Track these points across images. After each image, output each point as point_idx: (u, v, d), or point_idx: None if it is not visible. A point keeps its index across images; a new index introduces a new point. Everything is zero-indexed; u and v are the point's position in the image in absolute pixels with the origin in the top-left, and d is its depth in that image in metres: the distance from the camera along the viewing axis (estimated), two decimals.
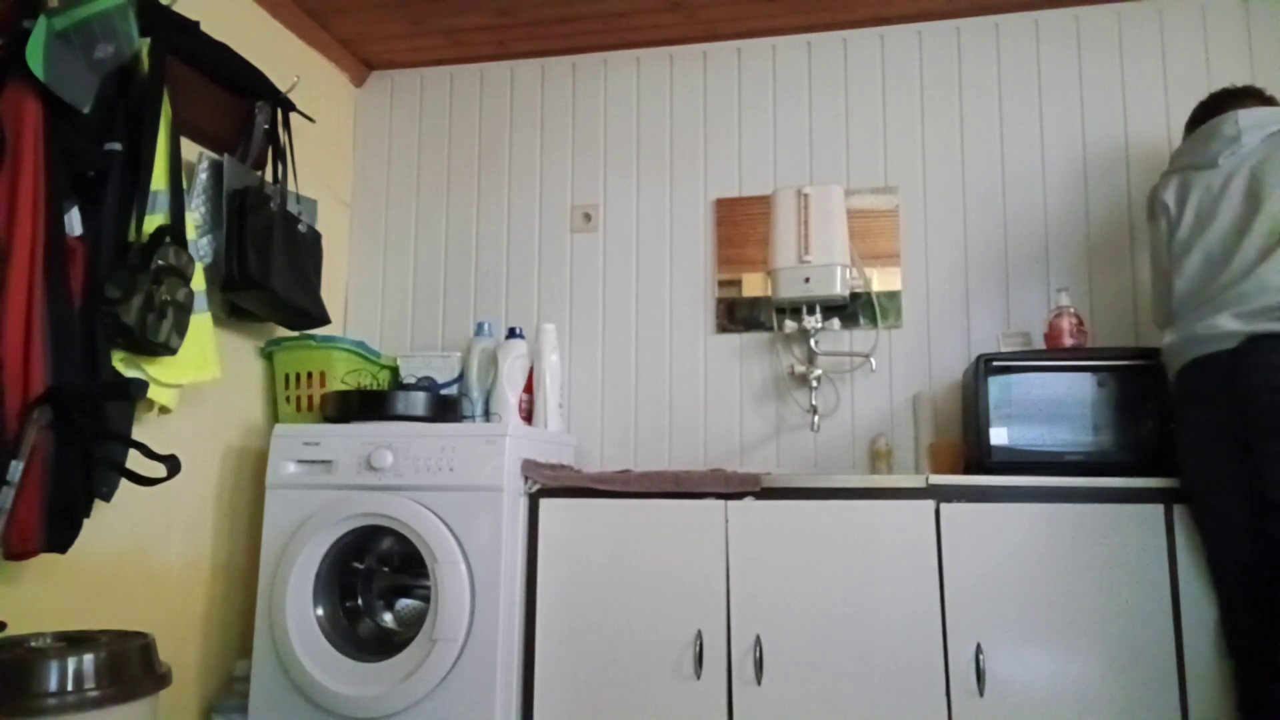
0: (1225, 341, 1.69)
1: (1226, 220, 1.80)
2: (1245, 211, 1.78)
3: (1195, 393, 1.74)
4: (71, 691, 1.42)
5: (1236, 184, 1.80)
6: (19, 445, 1.59)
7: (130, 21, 1.82)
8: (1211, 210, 1.82)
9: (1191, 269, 1.83)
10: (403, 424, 2.22)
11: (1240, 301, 1.70)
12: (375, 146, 3.02)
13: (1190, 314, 1.80)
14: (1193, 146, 1.90)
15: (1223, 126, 1.86)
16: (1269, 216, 1.74)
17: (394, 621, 2.35)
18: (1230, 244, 1.78)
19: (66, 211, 1.77)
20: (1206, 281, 1.79)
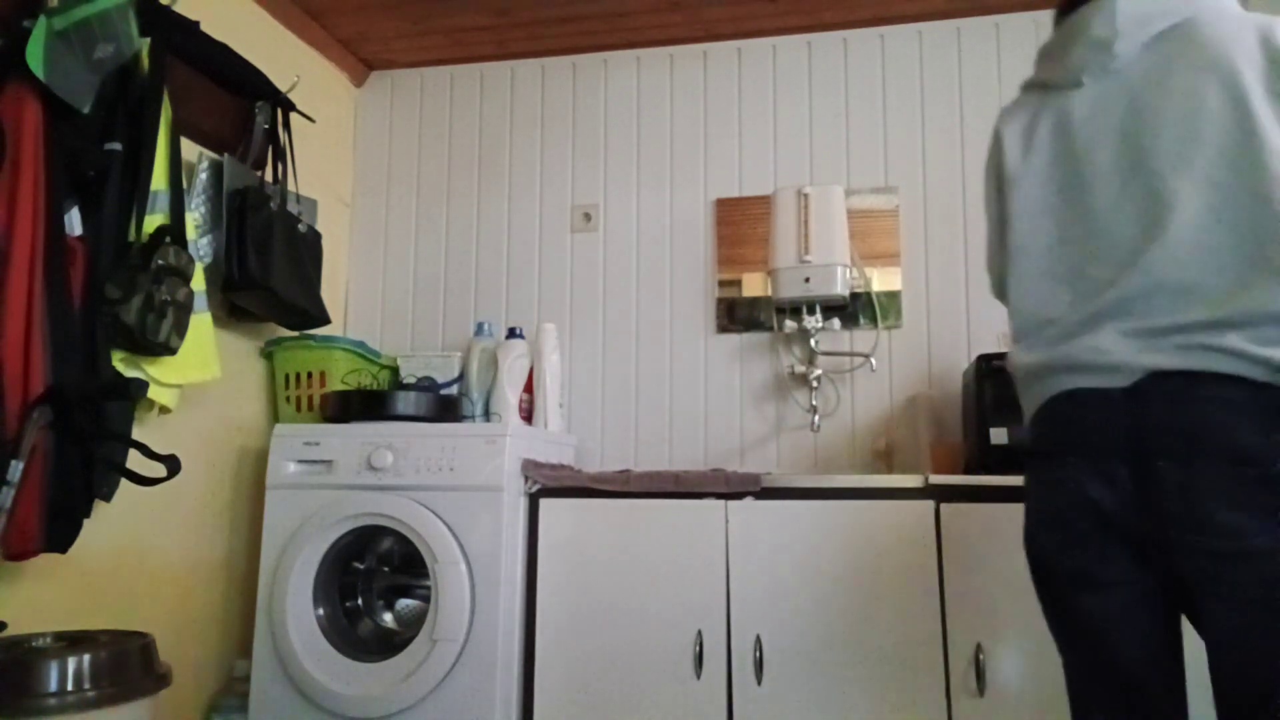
0: (1111, 376, 1.09)
1: (1094, 175, 1.17)
2: (1121, 164, 1.15)
3: (1062, 446, 1.13)
4: (71, 691, 1.42)
5: (1108, 119, 1.17)
6: (19, 445, 1.59)
7: (130, 21, 1.82)
8: (1069, 156, 1.20)
9: (1039, 242, 1.21)
10: (403, 424, 2.21)
11: (1125, 311, 1.10)
12: (375, 146, 3.02)
13: (1042, 317, 1.19)
14: (1048, 55, 1.28)
15: (1090, 24, 1.19)
16: (1154, 177, 1.12)
17: (394, 621, 2.35)
18: (1101, 214, 1.15)
19: (66, 211, 1.78)
20: (1067, 268, 1.18)
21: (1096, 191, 1.17)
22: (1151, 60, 1.17)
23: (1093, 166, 1.18)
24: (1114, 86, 1.19)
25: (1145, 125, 1.14)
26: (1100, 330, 1.11)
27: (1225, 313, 1.05)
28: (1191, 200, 1.09)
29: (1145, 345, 1.07)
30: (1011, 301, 1.25)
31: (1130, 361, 1.08)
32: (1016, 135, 1.28)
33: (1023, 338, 1.22)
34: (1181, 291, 1.07)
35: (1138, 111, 1.16)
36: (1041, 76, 1.28)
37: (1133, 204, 1.13)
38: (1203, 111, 1.11)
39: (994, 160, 1.33)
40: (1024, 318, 1.22)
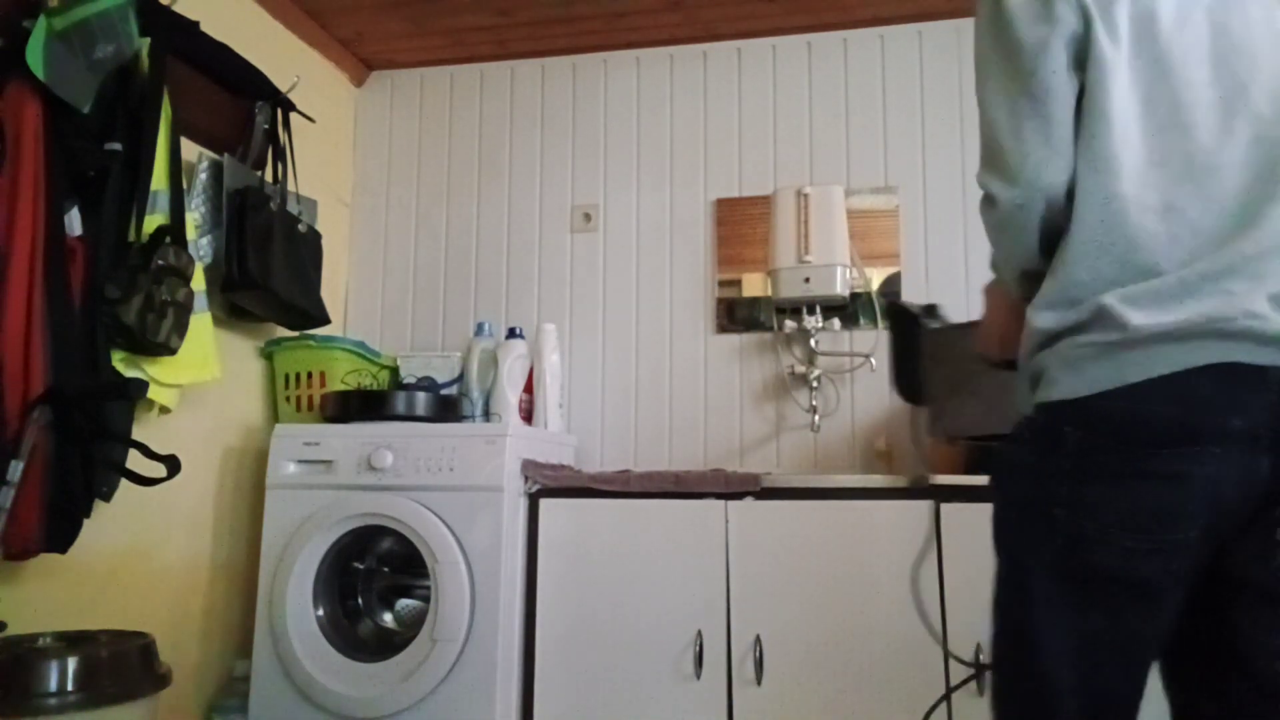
0: (1270, 351, 0.89)
1: (1191, 97, 0.97)
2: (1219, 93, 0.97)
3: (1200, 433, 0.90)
4: (71, 691, 1.42)
5: (1196, 31, 0.99)
6: (19, 445, 1.59)
7: (130, 21, 1.82)
8: (1157, 64, 0.98)
9: (1132, 160, 0.96)
10: (403, 424, 2.22)
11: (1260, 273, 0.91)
12: (375, 146, 3.02)
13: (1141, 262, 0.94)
14: None
15: None
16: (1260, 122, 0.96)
17: (394, 621, 2.35)
18: (1205, 147, 0.96)
19: (66, 211, 1.78)
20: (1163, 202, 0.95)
21: (1197, 117, 0.96)
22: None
23: (1188, 85, 0.97)
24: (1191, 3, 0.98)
25: (1238, 53, 0.98)
26: (1241, 293, 0.89)
27: None
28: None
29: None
30: (1093, 230, 0.95)
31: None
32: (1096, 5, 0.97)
33: (1117, 283, 0.93)
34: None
35: (1225, 31, 0.98)
36: None
37: (1239, 145, 0.95)
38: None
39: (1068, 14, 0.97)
40: (1117, 257, 0.94)
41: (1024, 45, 0.98)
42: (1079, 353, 0.94)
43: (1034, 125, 0.98)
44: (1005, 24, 0.99)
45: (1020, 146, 0.98)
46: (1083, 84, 0.97)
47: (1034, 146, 0.98)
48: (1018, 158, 0.99)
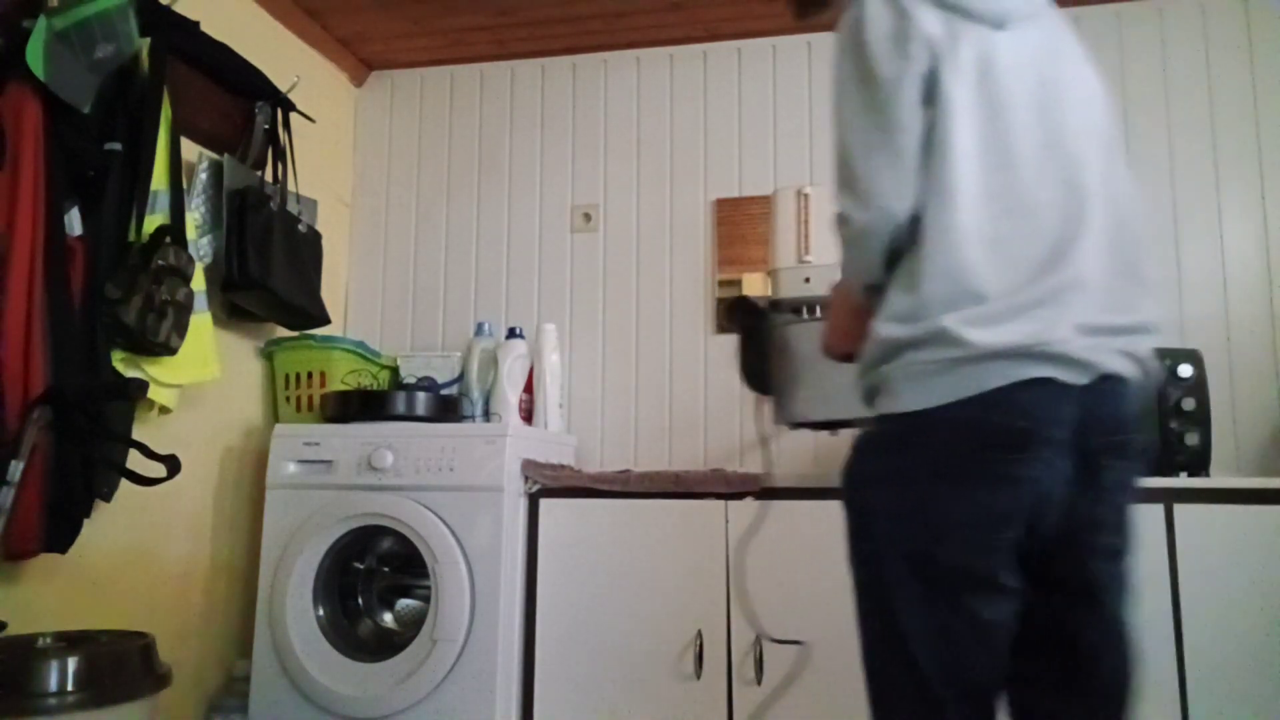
0: (1074, 372, 1.02)
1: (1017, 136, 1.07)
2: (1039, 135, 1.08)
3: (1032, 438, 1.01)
4: (71, 691, 1.42)
5: (1025, 79, 1.08)
6: (19, 445, 1.59)
7: (130, 21, 1.82)
8: (992, 104, 1.06)
9: (969, 191, 1.04)
10: (403, 424, 2.22)
11: (1066, 303, 1.02)
12: (375, 146, 3.02)
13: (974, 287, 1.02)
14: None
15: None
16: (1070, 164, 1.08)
17: (394, 621, 2.35)
18: (1027, 183, 1.06)
19: (66, 211, 1.78)
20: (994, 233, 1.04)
21: (1023, 158, 1.06)
22: (1045, 31, 1.13)
23: (1018, 128, 1.06)
24: (1027, 44, 1.10)
25: (1058, 104, 1.09)
26: (1054, 321, 1.01)
27: (1136, 320, 1.08)
28: (1099, 201, 1.08)
29: (1096, 345, 1.03)
30: (939, 252, 1.03)
31: (1090, 360, 1.02)
32: (943, 42, 1.06)
33: (951, 305, 1.02)
34: (1104, 295, 1.05)
35: (1049, 83, 1.10)
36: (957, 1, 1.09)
37: (1053, 184, 1.06)
38: (1097, 106, 1.13)
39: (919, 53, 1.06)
40: (951, 282, 1.02)
41: (880, 79, 1.06)
42: (922, 368, 1.03)
43: (884, 156, 1.06)
44: (864, 57, 1.08)
45: (871, 175, 1.07)
46: (929, 119, 1.05)
47: (883, 176, 1.07)
48: (868, 185, 1.08)
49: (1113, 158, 1.12)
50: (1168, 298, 2.45)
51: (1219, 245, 2.45)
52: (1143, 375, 1.09)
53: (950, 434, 1.03)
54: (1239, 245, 2.44)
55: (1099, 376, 1.03)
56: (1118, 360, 1.05)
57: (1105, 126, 1.13)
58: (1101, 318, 1.04)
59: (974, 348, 1.00)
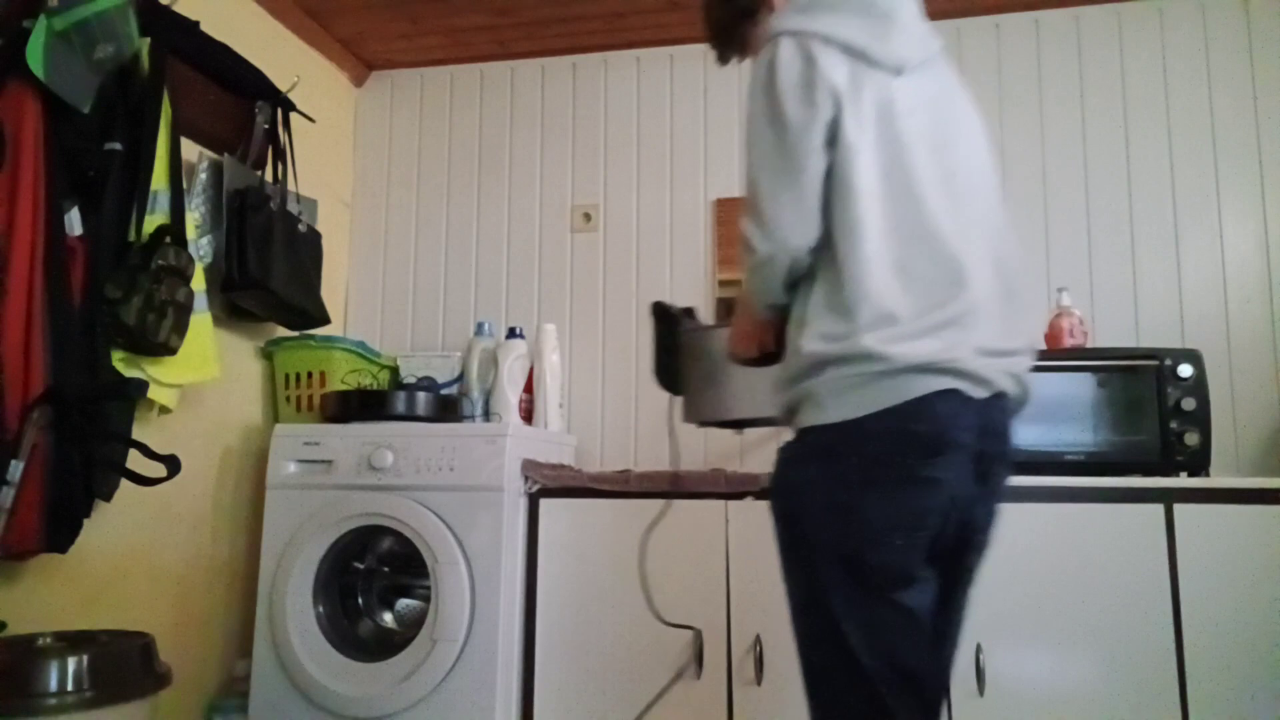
0: (976, 388, 1.13)
1: (918, 175, 1.17)
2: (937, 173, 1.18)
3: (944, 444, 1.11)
4: (71, 691, 1.42)
5: (922, 120, 1.19)
6: (19, 445, 1.59)
7: (130, 21, 1.82)
8: (894, 144, 1.17)
9: (875, 225, 1.14)
10: (403, 424, 2.22)
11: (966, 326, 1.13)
12: (375, 146, 3.02)
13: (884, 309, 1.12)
14: (862, 22, 1.20)
15: (905, 15, 1.23)
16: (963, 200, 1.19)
17: (394, 621, 2.35)
18: (929, 216, 1.16)
19: (66, 211, 1.78)
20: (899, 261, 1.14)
21: (924, 191, 1.16)
22: (936, 79, 1.25)
23: (917, 164, 1.17)
24: (922, 89, 1.21)
25: (952, 142, 1.21)
26: (957, 341, 1.12)
27: (1018, 345, 1.20)
28: (987, 230, 1.21)
29: (991, 365, 1.14)
30: (855, 279, 1.13)
31: (989, 378, 1.14)
32: (846, 92, 1.15)
33: (870, 327, 1.11)
34: (997, 318, 1.17)
35: (939, 123, 1.21)
36: (857, 42, 1.18)
37: (950, 215, 1.17)
38: (982, 146, 1.26)
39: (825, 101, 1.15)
40: (871, 302, 1.12)
41: (789, 124, 1.16)
42: (847, 382, 1.12)
43: (789, 194, 1.17)
44: (775, 100, 1.18)
45: (776, 211, 1.17)
46: (832, 160, 1.16)
47: (786, 212, 1.17)
48: (773, 218, 1.18)
49: (993, 193, 1.25)
50: (1167, 298, 2.45)
51: (1219, 245, 2.45)
52: (1021, 394, 1.23)
53: (874, 443, 1.12)
54: (1239, 245, 2.44)
55: (993, 393, 1.15)
56: (1005, 380, 1.17)
57: (988, 165, 1.26)
58: (994, 342, 1.16)
59: (894, 362, 1.10)
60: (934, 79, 1.24)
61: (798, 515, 1.18)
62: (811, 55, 1.16)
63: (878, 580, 1.12)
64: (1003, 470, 1.21)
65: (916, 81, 1.21)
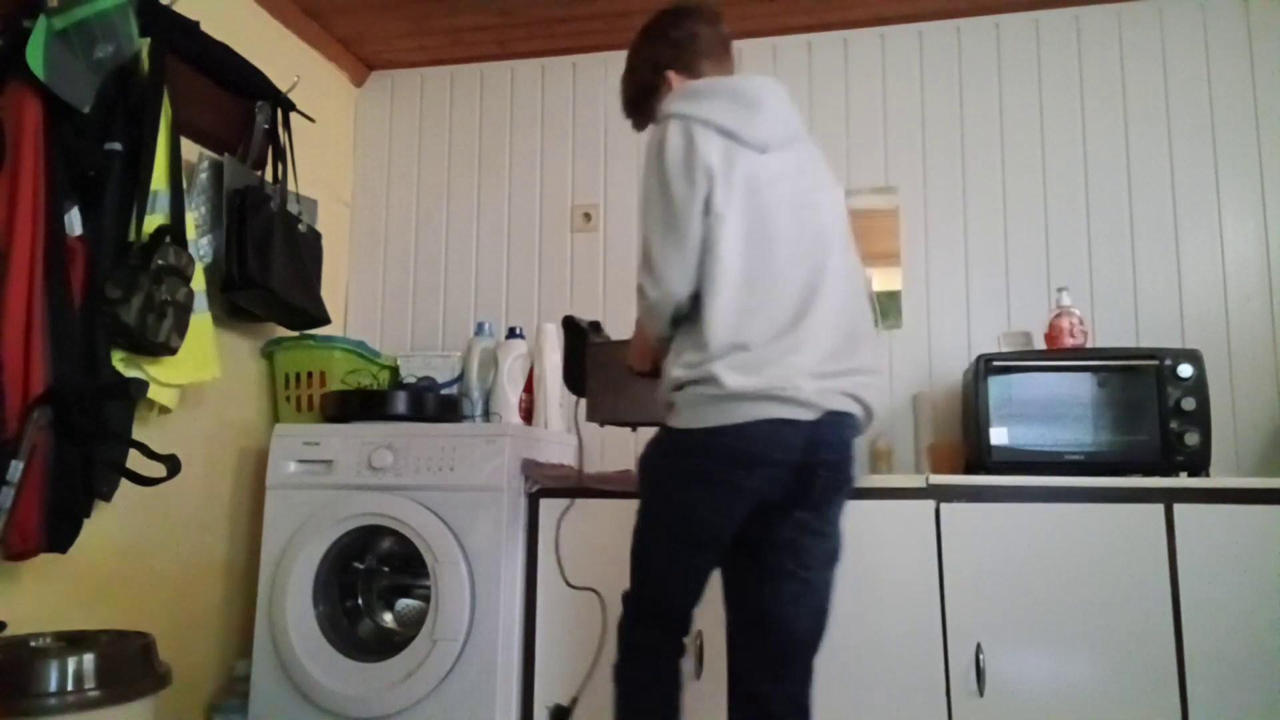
0: (804, 411, 1.38)
1: (776, 234, 1.44)
2: (793, 231, 1.45)
3: (755, 459, 1.40)
4: (71, 691, 1.42)
5: (783, 189, 1.46)
6: (19, 445, 1.59)
7: (130, 21, 1.82)
8: (756, 210, 1.44)
9: (734, 277, 1.41)
10: (403, 424, 2.22)
11: (802, 353, 1.39)
12: (375, 146, 3.02)
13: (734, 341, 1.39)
14: (733, 108, 1.46)
15: (770, 103, 1.49)
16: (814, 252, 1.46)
17: (394, 621, 2.35)
18: (780, 268, 1.43)
19: (66, 211, 1.78)
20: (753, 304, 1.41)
21: (778, 250, 1.44)
22: (798, 154, 1.52)
23: (775, 226, 1.44)
24: (785, 164, 1.49)
25: (805, 205, 1.48)
26: (793, 370, 1.38)
27: (855, 365, 1.45)
28: (836, 278, 1.46)
29: (824, 389, 1.40)
30: (711, 323, 1.41)
31: (817, 402, 1.39)
32: (720, 171, 1.43)
33: (723, 355, 1.40)
34: (832, 348, 1.43)
35: (799, 191, 1.48)
36: (727, 125, 1.45)
37: (802, 266, 1.44)
38: (837, 210, 1.53)
39: (701, 179, 1.42)
40: (720, 339, 1.40)
41: (675, 197, 1.44)
42: (697, 400, 1.42)
43: (674, 253, 1.44)
44: (663, 174, 1.45)
45: (664, 267, 1.45)
46: (708, 225, 1.42)
47: (671, 267, 1.45)
48: (661, 272, 1.46)
49: (847, 246, 1.53)
50: (1167, 298, 2.45)
51: (1219, 245, 2.45)
52: (863, 411, 1.47)
53: (706, 451, 1.43)
54: (1239, 245, 2.44)
55: (825, 412, 1.40)
56: (840, 400, 1.43)
57: (842, 225, 1.53)
58: (827, 365, 1.41)
59: (730, 390, 1.38)
60: (797, 153, 1.51)
61: (647, 482, 1.54)
62: (692, 137, 1.44)
63: (688, 545, 1.50)
64: (829, 474, 1.44)
65: (780, 156, 1.48)
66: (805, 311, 1.42)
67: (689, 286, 1.45)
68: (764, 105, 1.48)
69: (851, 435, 1.47)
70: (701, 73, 1.58)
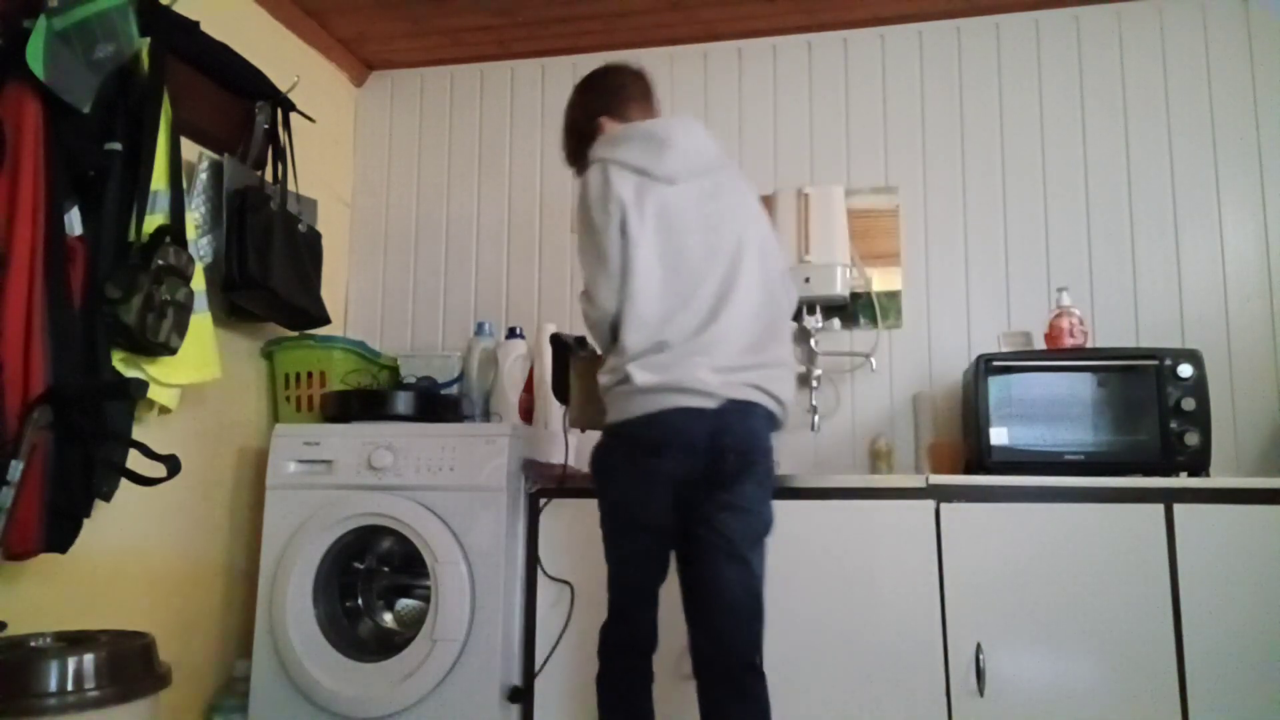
0: (706, 400, 1.57)
1: (688, 252, 1.65)
2: (705, 248, 1.66)
3: (663, 444, 1.59)
4: (71, 691, 1.42)
5: (693, 213, 1.67)
6: (19, 445, 1.59)
7: (130, 21, 1.82)
8: (669, 232, 1.66)
9: (652, 291, 1.64)
10: (403, 424, 2.22)
11: (709, 352, 1.59)
12: (375, 146, 3.02)
13: (651, 344, 1.62)
14: (644, 149, 1.70)
15: (678, 141, 1.71)
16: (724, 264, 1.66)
17: (394, 621, 2.35)
18: (692, 279, 1.64)
19: (66, 211, 1.78)
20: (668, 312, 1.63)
21: (691, 264, 1.65)
22: (712, 181, 1.71)
23: (687, 245, 1.66)
24: (694, 191, 1.69)
25: (715, 224, 1.68)
26: (698, 365, 1.58)
27: (763, 360, 1.63)
28: (747, 288, 1.65)
29: (725, 380, 1.59)
30: (628, 331, 1.64)
31: (718, 391, 1.58)
32: (632, 203, 1.66)
33: (638, 357, 1.62)
34: (741, 346, 1.61)
35: (708, 215, 1.68)
36: (639, 164, 1.68)
37: (712, 278, 1.64)
38: (751, 223, 1.72)
39: (615, 210, 1.66)
40: (638, 344, 1.63)
41: (596, 227, 1.68)
42: (616, 398, 1.65)
43: (602, 277, 1.69)
44: (586, 210, 1.72)
45: (596, 287, 1.70)
46: (626, 250, 1.65)
47: (601, 289, 1.69)
48: (594, 294, 1.71)
49: (765, 256, 1.71)
50: (1167, 298, 2.45)
51: (1219, 245, 2.45)
52: (771, 400, 1.64)
53: (624, 441, 1.65)
54: (1239, 245, 2.44)
55: (728, 400, 1.58)
56: (745, 390, 1.60)
57: (758, 240, 1.71)
58: (735, 361, 1.60)
59: (640, 385, 1.60)
60: (710, 181, 1.72)
61: (592, 479, 1.72)
62: (608, 176, 1.68)
63: (623, 527, 1.69)
64: (736, 457, 1.59)
65: (690, 186, 1.69)
66: (714, 319, 1.62)
67: (616, 302, 1.68)
68: (673, 144, 1.70)
69: (758, 423, 1.63)
70: (629, 117, 1.81)
